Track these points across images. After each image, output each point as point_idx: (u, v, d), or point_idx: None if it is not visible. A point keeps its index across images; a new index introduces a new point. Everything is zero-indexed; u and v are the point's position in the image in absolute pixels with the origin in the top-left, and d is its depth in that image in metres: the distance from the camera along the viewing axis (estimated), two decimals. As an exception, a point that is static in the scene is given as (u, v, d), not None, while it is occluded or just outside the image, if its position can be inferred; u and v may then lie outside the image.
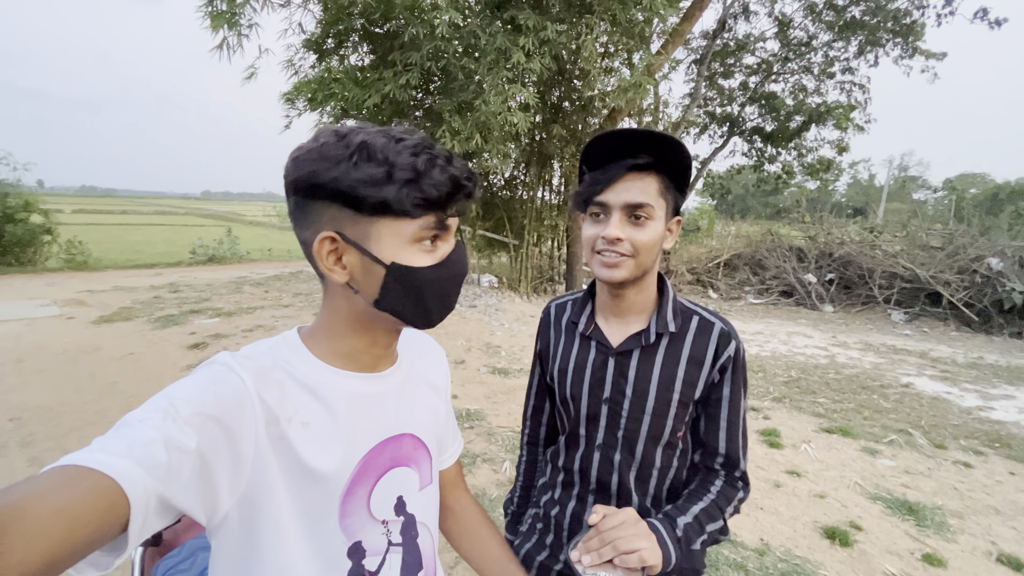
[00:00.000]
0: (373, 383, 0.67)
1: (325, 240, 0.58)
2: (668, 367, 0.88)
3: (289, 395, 0.59)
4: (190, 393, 0.52)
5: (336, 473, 0.60)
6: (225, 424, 0.52)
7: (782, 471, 3.07)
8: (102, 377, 4.25)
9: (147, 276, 9.95)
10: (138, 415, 0.48)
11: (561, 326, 1.00)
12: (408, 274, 0.59)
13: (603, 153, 0.83)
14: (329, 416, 0.61)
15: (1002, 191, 25.82)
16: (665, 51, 7.09)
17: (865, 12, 9.19)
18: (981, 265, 7.60)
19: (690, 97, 10.56)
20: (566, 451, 0.98)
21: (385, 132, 0.58)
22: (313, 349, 0.64)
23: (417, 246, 0.59)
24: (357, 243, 0.58)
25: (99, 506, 0.40)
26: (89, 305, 6.95)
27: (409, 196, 0.56)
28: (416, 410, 0.72)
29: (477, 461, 3.03)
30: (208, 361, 0.57)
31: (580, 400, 0.93)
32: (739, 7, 10.30)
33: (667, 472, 0.93)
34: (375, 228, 0.57)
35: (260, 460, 0.55)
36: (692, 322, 0.90)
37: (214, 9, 4.48)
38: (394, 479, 0.67)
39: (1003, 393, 4.66)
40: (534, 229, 8.65)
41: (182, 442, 0.48)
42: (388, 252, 0.58)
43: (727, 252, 10.72)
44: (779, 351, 6.02)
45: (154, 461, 0.45)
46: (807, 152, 11.27)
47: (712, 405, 0.90)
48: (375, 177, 0.55)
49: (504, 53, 5.17)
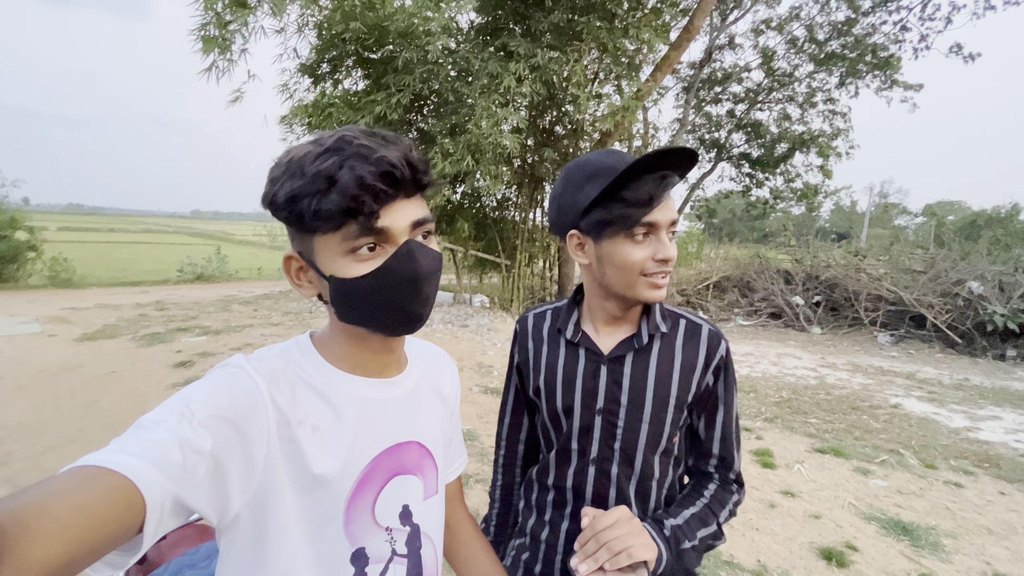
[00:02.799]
0: (382, 389, 0.66)
1: (290, 259, 0.60)
2: (663, 370, 0.86)
3: (301, 398, 0.59)
4: (205, 395, 0.52)
5: (341, 478, 0.60)
6: (239, 426, 0.52)
7: (776, 491, 3.05)
8: (83, 395, 4.14)
9: (133, 294, 9.80)
10: (153, 417, 0.48)
11: (543, 335, 0.95)
12: (343, 286, 0.57)
13: (634, 171, 0.78)
14: (337, 420, 0.61)
15: (979, 218, 26.63)
16: (654, 78, 7.32)
17: (845, 46, 9.61)
18: (962, 288, 7.77)
19: (679, 123, 10.85)
20: (556, 468, 0.93)
21: (316, 139, 0.56)
22: (324, 353, 0.64)
23: (351, 256, 0.56)
24: (309, 260, 0.59)
25: (117, 506, 0.40)
26: (72, 322, 6.80)
27: (320, 209, 0.52)
28: (424, 419, 0.71)
29: (470, 482, 2.98)
30: (222, 364, 0.57)
31: (572, 412, 0.89)
32: (724, 39, 10.72)
33: (664, 481, 0.91)
34: (314, 243, 0.57)
35: (271, 463, 0.55)
36: (680, 325, 0.90)
37: (207, 33, 4.56)
38: (399, 487, 0.66)
39: (989, 414, 4.70)
40: (526, 250, 8.71)
41: (197, 444, 0.48)
42: (327, 265, 0.57)
43: (716, 274, 10.85)
44: (770, 372, 6.05)
45: (170, 462, 0.45)
46: (794, 177, 11.59)
47: (709, 408, 0.90)
48: (290, 193, 0.54)
49: (496, 78, 5.30)
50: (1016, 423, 4.46)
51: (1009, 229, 17.63)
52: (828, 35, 9.80)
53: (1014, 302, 7.23)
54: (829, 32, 9.81)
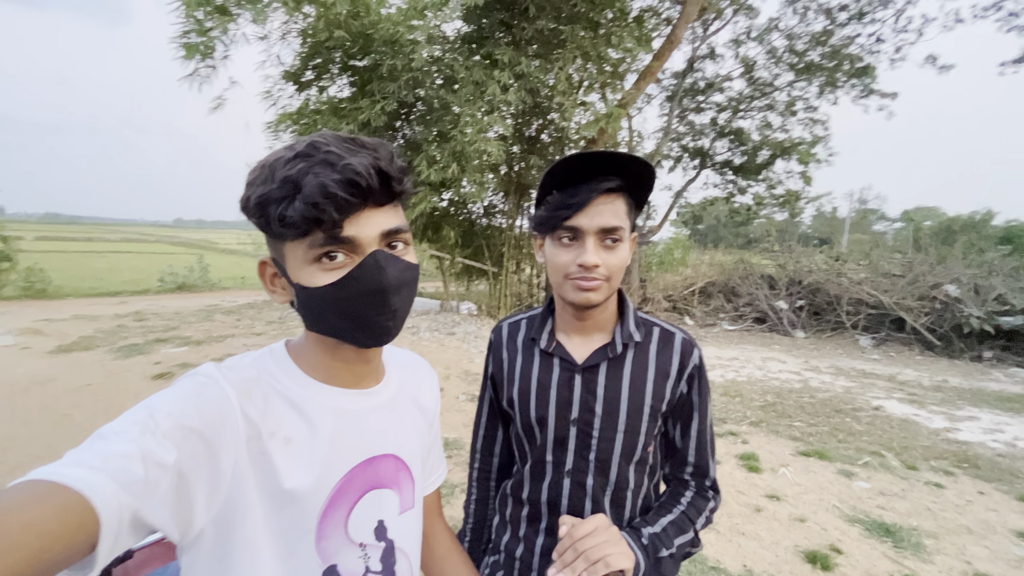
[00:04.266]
0: (358, 400, 0.64)
1: (264, 264, 0.60)
2: (637, 378, 0.86)
3: (273, 409, 0.57)
4: (171, 405, 0.49)
5: (313, 492, 0.58)
6: (206, 438, 0.50)
7: (762, 495, 3.06)
8: (55, 409, 4.01)
9: (111, 305, 9.58)
10: (115, 427, 0.46)
11: (517, 345, 0.94)
12: (309, 295, 0.56)
13: (571, 175, 0.80)
14: (311, 432, 0.59)
15: (954, 223, 27.40)
16: (638, 87, 7.41)
17: (823, 56, 9.85)
18: (940, 292, 7.95)
19: (663, 131, 11.00)
20: (531, 481, 0.91)
21: (290, 144, 0.56)
22: (299, 362, 0.62)
23: (316, 265, 0.55)
24: (280, 266, 0.58)
25: (69, 523, 0.38)
26: (47, 334, 6.61)
27: (286, 215, 0.52)
28: (401, 431, 0.70)
29: (455, 491, 2.94)
30: (191, 372, 0.55)
31: (547, 423, 0.87)
32: (706, 49, 10.92)
33: (640, 491, 0.90)
34: (284, 249, 0.57)
35: (239, 476, 0.53)
36: (654, 333, 0.89)
37: (188, 40, 4.51)
38: (373, 501, 0.64)
39: (967, 415, 4.80)
40: (512, 256, 8.71)
41: (160, 456, 0.45)
42: (294, 273, 0.57)
43: (702, 280, 10.96)
44: (755, 376, 6.10)
45: (129, 476, 0.42)
46: (776, 184, 11.79)
47: (684, 416, 0.89)
48: (260, 198, 0.53)
49: (481, 86, 5.32)
50: (993, 423, 4.56)
51: (983, 234, 18.17)
52: (806, 46, 10.05)
53: (989, 305, 7.42)
54: (807, 43, 10.06)
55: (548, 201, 0.83)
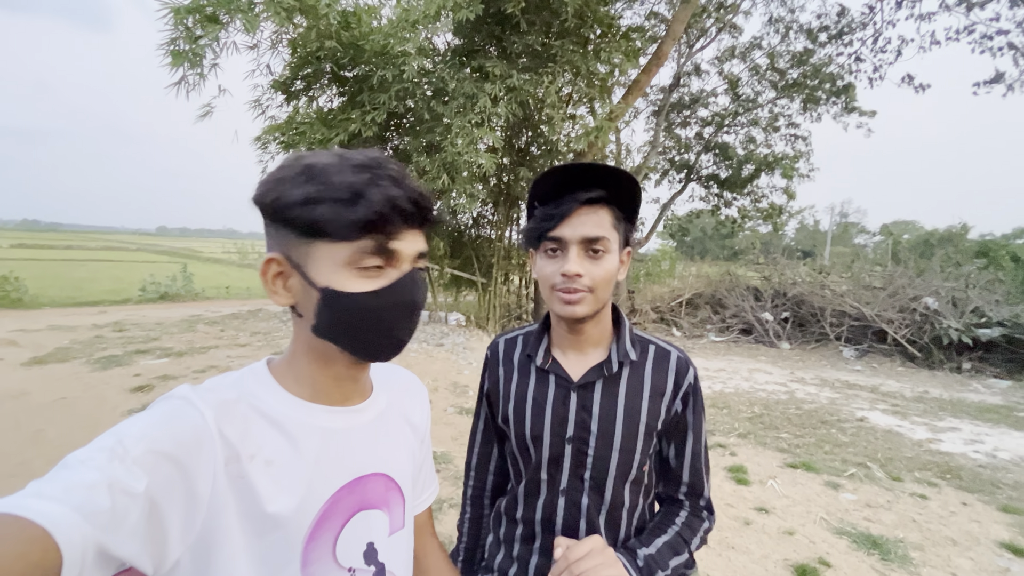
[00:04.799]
0: (344, 418, 0.63)
1: (271, 262, 0.57)
2: (632, 397, 0.86)
3: (253, 430, 0.55)
4: (143, 430, 0.47)
5: (298, 516, 0.56)
6: (181, 462, 0.48)
7: (751, 508, 3.06)
8: (28, 425, 3.87)
9: (89, 315, 9.33)
10: (80, 455, 0.44)
11: (513, 362, 0.94)
12: (339, 300, 0.55)
13: (554, 187, 0.81)
14: (295, 453, 0.57)
15: (932, 237, 28.18)
16: (626, 101, 7.53)
17: (804, 74, 10.13)
18: (919, 304, 8.13)
19: (650, 145, 11.17)
20: (525, 500, 0.90)
21: (341, 154, 0.57)
22: (281, 381, 0.60)
23: (355, 271, 0.55)
24: (299, 265, 0.56)
25: (29, 559, 0.36)
26: (21, 345, 6.41)
27: (340, 217, 0.53)
28: (390, 448, 0.68)
29: (444, 507, 2.89)
30: (166, 395, 0.53)
31: (542, 441, 0.87)
32: (691, 66, 11.17)
33: (635, 511, 0.89)
34: (312, 250, 0.55)
35: (217, 501, 0.51)
36: (649, 351, 0.89)
37: (176, 47, 4.47)
38: (362, 523, 0.62)
39: (949, 425, 4.88)
40: (502, 267, 8.71)
41: (129, 485, 0.43)
42: (323, 276, 0.55)
43: (689, 291, 11.07)
44: (742, 388, 6.15)
45: (94, 507, 0.40)
46: (760, 198, 12.03)
47: (678, 435, 0.89)
48: (308, 196, 0.53)
49: (471, 98, 5.35)
50: (974, 434, 4.64)
51: (959, 247, 18.68)
52: (788, 64, 10.34)
53: (967, 317, 7.60)
54: (789, 61, 10.35)
55: (534, 214, 0.84)
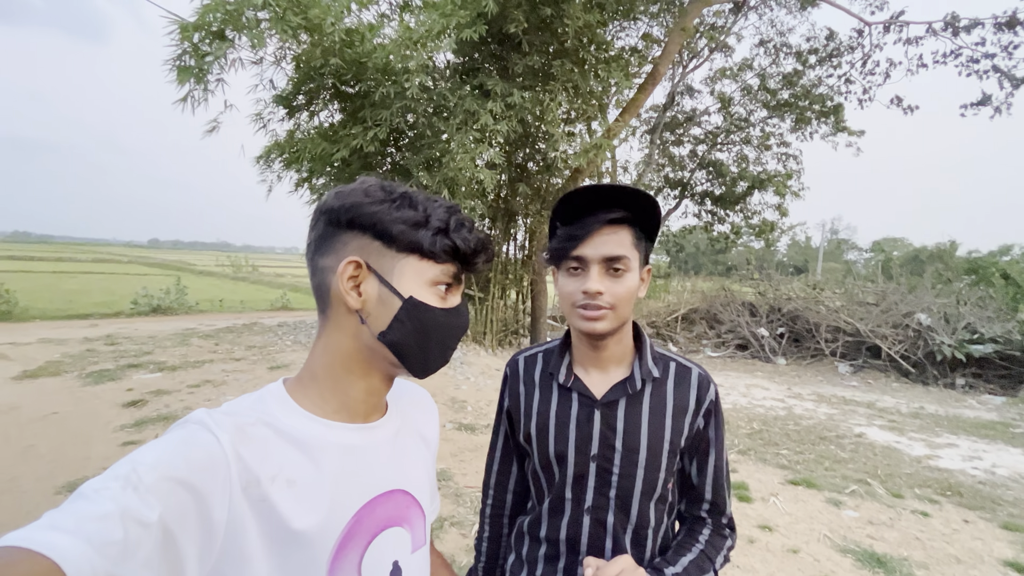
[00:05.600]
0: (364, 434, 0.63)
1: (351, 264, 0.59)
2: (656, 415, 0.86)
3: (273, 452, 0.55)
4: (157, 457, 0.47)
5: (323, 533, 0.55)
6: (195, 488, 0.47)
7: (754, 526, 3.05)
8: (18, 440, 3.79)
9: (81, 327, 9.20)
10: (96, 484, 0.43)
11: (534, 379, 0.94)
12: (421, 310, 0.61)
13: (575, 208, 0.84)
14: (316, 471, 0.57)
15: (922, 254, 28.61)
16: (622, 119, 7.65)
17: (794, 95, 10.37)
18: (912, 320, 8.22)
19: (645, 162, 11.33)
20: (549, 519, 0.89)
21: (419, 192, 0.65)
22: (300, 400, 0.60)
23: (433, 289, 0.62)
24: (380, 273, 0.60)
25: None
26: (11, 359, 6.30)
27: (440, 242, 0.61)
28: (409, 464, 0.68)
29: (444, 525, 2.85)
30: (181, 420, 0.53)
31: (566, 459, 0.87)
32: (684, 86, 11.40)
33: (660, 530, 0.89)
34: (400, 264, 0.61)
35: (235, 526, 0.50)
36: (670, 368, 0.90)
37: (182, 63, 4.51)
38: (388, 540, 0.62)
39: (946, 442, 4.90)
40: (499, 282, 8.72)
41: (143, 514, 0.43)
42: (407, 287, 0.61)
43: (684, 307, 11.12)
44: (740, 403, 6.15)
45: (107, 538, 0.40)
46: (752, 214, 12.19)
47: (701, 452, 0.89)
48: (414, 219, 0.60)
49: (472, 115, 5.42)
50: (972, 450, 4.66)
51: (949, 264, 18.96)
52: (779, 85, 10.59)
53: (959, 333, 7.69)
54: (780, 82, 10.60)
55: (557, 234, 0.86)
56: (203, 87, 4.55)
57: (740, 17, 10.48)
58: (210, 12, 4.31)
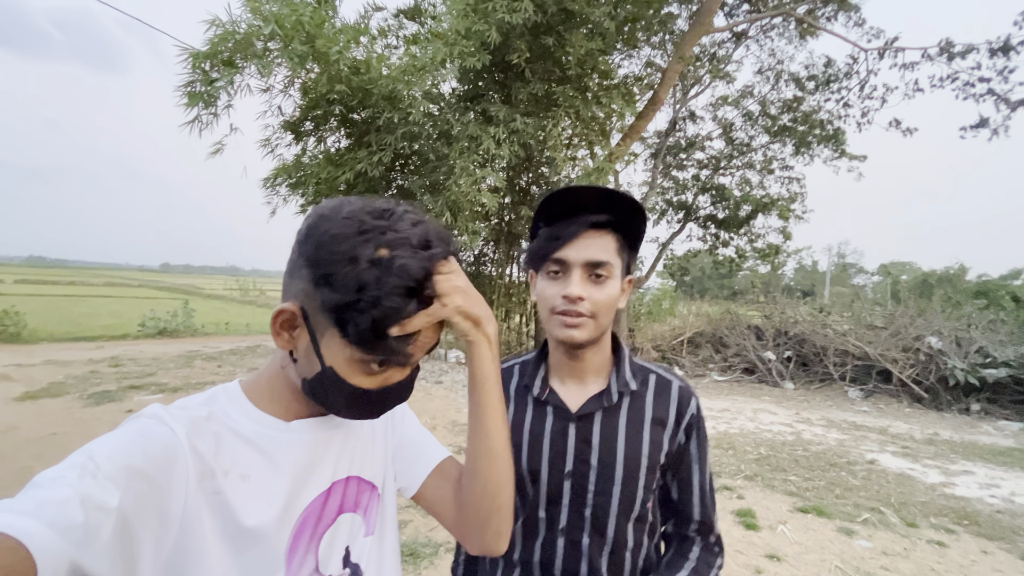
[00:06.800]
0: (316, 428, 0.64)
1: (287, 312, 0.56)
2: (633, 428, 0.83)
3: (226, 447, 0.56)
4: (114, 448, 0.47)
5: (278, 527, 0.56)
6: (153, 479, 0.48)
7: (761, 555, 2.93)
8: (15, 460, 3.77)
9: (87, 349, 9.27)
10: (51, 474, 0.43)
11: (509, 393, 0.90)
12: (338, 384, 0.57)
13: (560, 209, 0.81)
14: (271, 467, 0.58)
15: (930, 277, 28.34)
16: (624, 144, 7.76)
17: (795, 120, 10.49)
18: (923, 344, 8.07)
19: (648, 186, 11.43)
20: (523, 541, 0.85)
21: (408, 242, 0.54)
22: (255, 399, 0.62)
23: (360, 366, 0.56)
24: (312, 329, 0.56)
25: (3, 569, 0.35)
26: (15, 380, 6.33)
27: (362, 333, 0.52)
28: (362, 449, 0.69)
29: (440, 551, 2.77)
30: (136, 414, 0.53)
31: (539, 476, 0.83)
32: (686, 111, 11.58)
33: (639, 551, 0.85)
34: (331, 331, 0.55)
35: (190, 519, 0.50)
36: (650, 380, 0.87)
37: (192, 89, 4.67)
38: (342, 527, 0.64)
39: (962, 469, 4.73)
40: (502, 305, 8.73)
41: (102, 500, 0.42)
42: (331, 356, 0.56)
43: (690, 330, 11.01)
44: (747, 428, 6.01)
45: (68, 522, 0.39)
46: (756, 238, 12.18)
47: (683, 469, 0.86)
48: (349, 301, 0.51)
49: (476, 140, 5.53)
50: (989, 478, 4.50)
51: (958, 287, 18.74)
52: (779, 110, 10.73)
53: (971, 357, 7.52)
54: (780, 108, 10.75)
55: (539, 235, 0.83)
56: (212, 111, 4.70)
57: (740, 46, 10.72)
58: (221, 42, 4.48)
